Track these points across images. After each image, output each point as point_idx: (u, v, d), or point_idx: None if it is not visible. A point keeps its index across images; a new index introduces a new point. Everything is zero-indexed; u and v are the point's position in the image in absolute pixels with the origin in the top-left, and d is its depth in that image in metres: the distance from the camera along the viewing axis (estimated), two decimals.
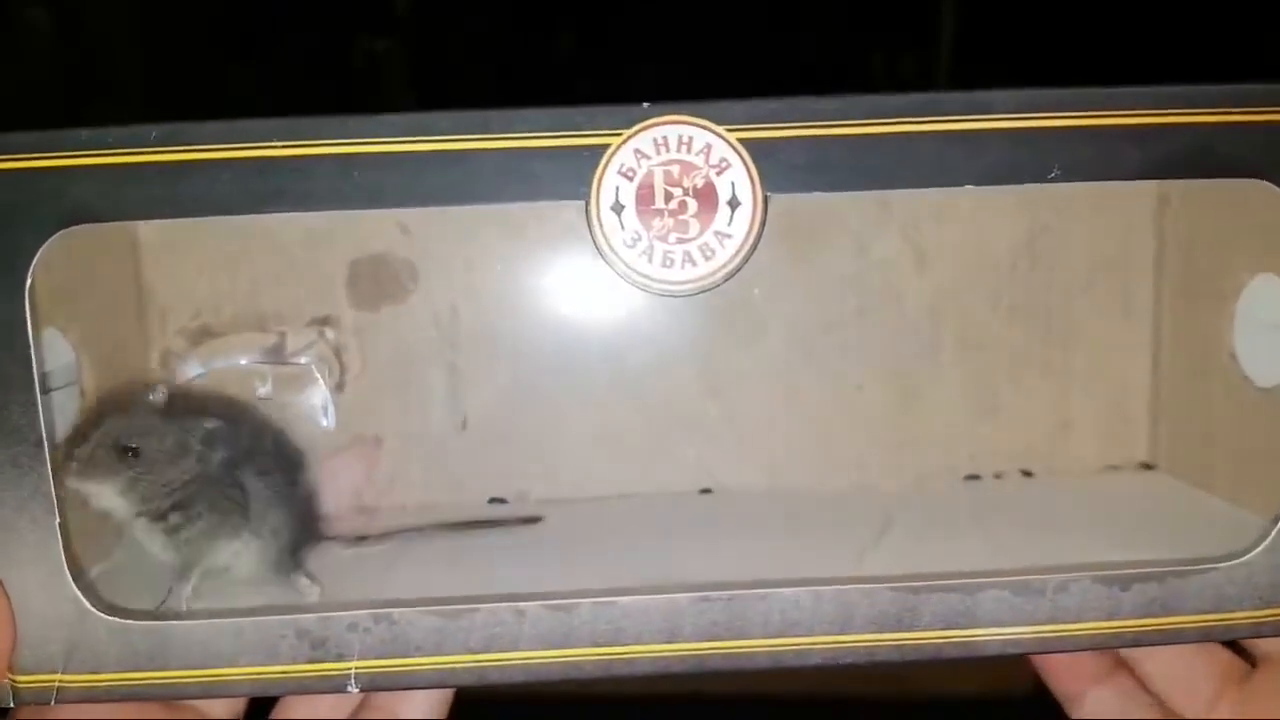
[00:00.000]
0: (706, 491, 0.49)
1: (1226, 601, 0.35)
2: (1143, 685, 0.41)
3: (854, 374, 0.48)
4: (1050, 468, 0.49)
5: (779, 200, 0.33)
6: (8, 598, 0.34)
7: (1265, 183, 0.33)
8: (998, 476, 0.49)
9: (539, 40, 1.00)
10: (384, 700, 0.39)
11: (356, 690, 0.35)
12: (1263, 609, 0.35)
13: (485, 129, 0.32)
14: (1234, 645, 0.40)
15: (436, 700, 0.39)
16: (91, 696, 0.35)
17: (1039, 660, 0.41)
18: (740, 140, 0.33)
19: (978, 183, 0.33)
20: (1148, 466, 0.49)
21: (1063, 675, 0.41)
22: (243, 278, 0.45)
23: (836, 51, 0.99)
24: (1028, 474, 0.49)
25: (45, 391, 0.34)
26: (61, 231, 0.32)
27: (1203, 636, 0.35)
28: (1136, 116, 0.33)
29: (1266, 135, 0.33)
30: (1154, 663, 0.40)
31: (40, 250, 0.32)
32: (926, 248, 0.48)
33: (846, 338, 0.48)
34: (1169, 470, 0.48)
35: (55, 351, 0.41)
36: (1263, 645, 0.40)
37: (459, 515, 0.45)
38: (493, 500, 0.49)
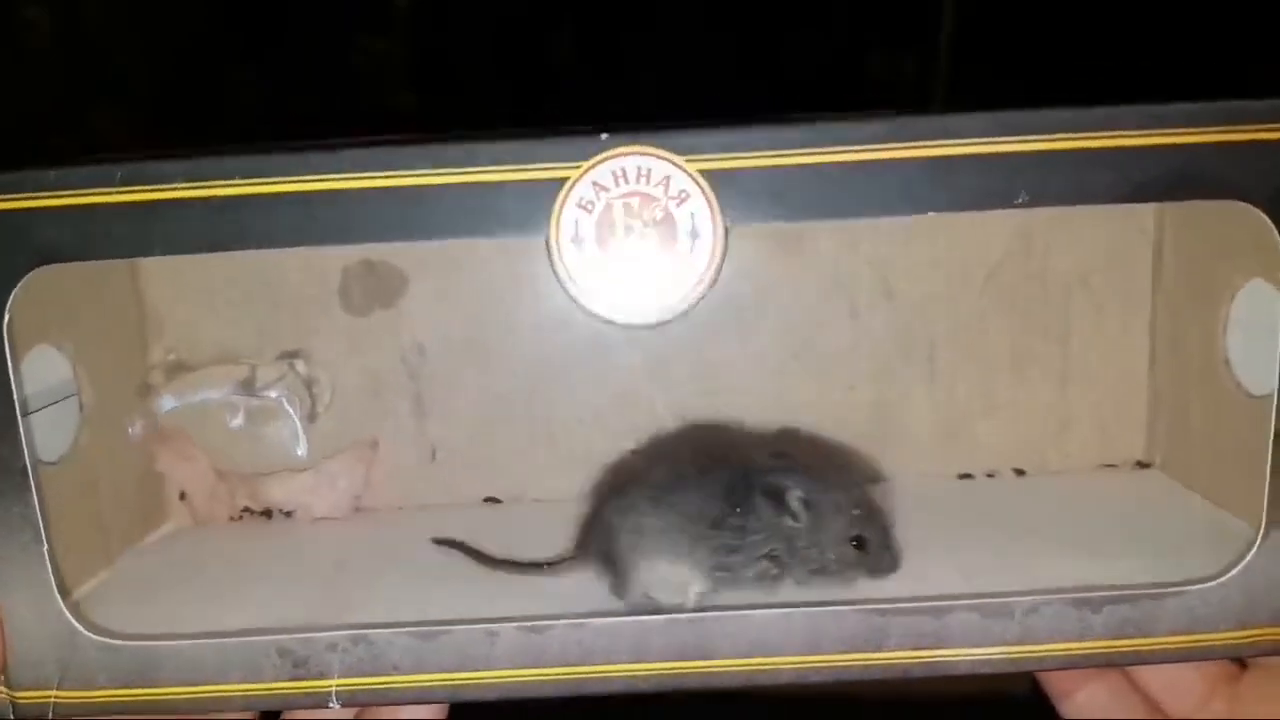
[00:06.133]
0: None
1: (1201, 623, 0.35)
2: (1134, 685, 0.41)
3: (846, 373, 0.48)
4: (1045, 466, 0.49)
5: None
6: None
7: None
8: (990, 475, 0.49)
9: (538, 40, 0.99)
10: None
11: (338, 706, 0.36)
12: (1238, 630, 0.35)
13: (445, 163, 0.32)
14: None
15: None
16: (86, 711, 0.36)
17: None
18: (700, 171, 0.32)
19: (945, 209, 0.32)
20: (1144, 465, 0.48)
21: (1054, 673, 0.41)
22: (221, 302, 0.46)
23: (836, 52, 0.98)
24: (1020, 472, 0.49)
25: (27, 414, 0.35)
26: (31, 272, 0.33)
27: (1177, 658, 0.35)
28: (1109, 139, 0.32)
29: (1246, 155, 0.32)
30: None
31: (14, 291, 0.33)
32: (920, 250, 0.47)
33: (839, 336, 0.48)
34: (1164, 469, 0.48)
35: (51, 367, 0.42)
36: None
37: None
38: (487, 499, 0.49)
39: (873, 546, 0.38)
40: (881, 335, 0.48)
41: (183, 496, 0.49)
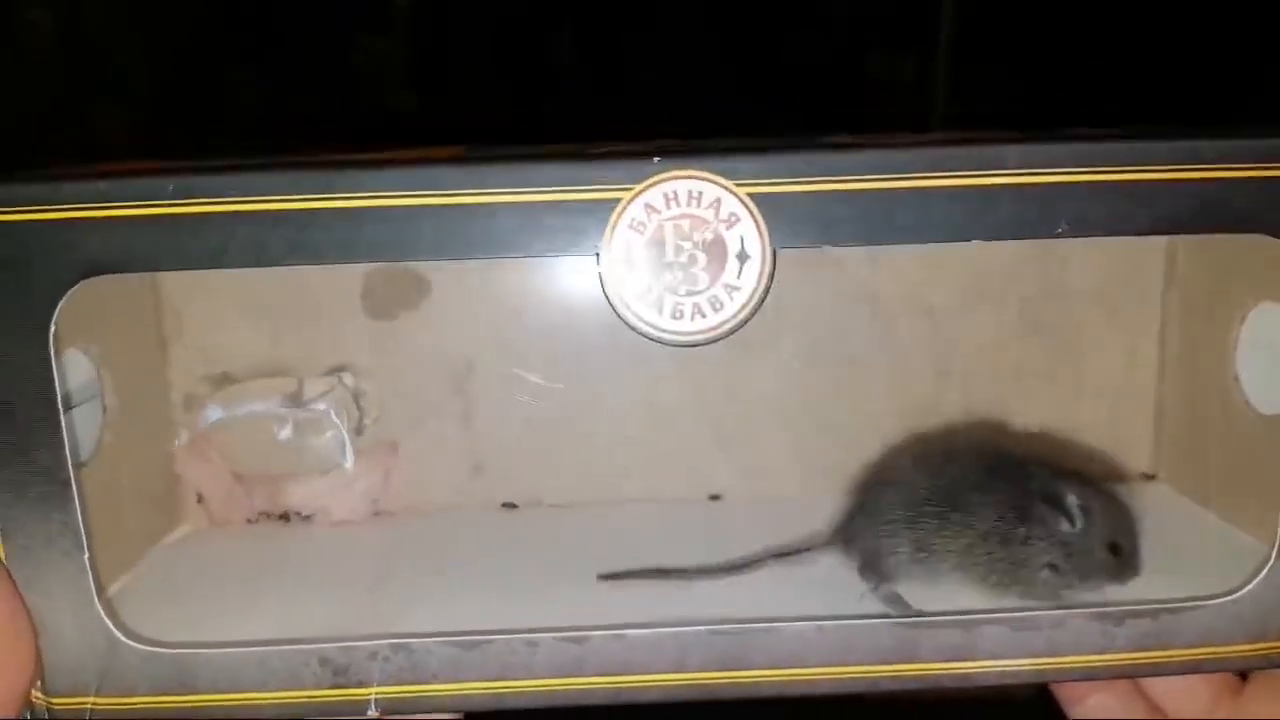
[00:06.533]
0: (715, 498, 0.50)
1: (1216, 636, 0.36)
2: (1141, 692, 0.42)
3: (863, 384, 0.49)
4: None
5: None
6: (30, 619, 0.35)
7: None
8: None
9: (538, 40, 0.99)
10: None
11: (376, 714, 0.36)
12: (1253, 644, 0.36)
13: (497, 183, 0.33)
14: None
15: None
16: (122, 719, 0.36)
17: None
18: (749, 195, 0.33)
19: (986, 238, 0.33)
20: (1149, 477, 0.50)
21: None
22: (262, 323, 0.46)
23: (836, 52, 0.98)
24: None
25: (68, 409, 0.35)
26: (83, 281, 0.33)
27: (1194, 669, 0.37)
28: (1142, 173, 0.33)
29: (1267, 190, 0.33)
30: None
31: (62, 300, 0.33)
32: (937, 262, 0.48)
33: (857, 348, 0.49)
34: (1169, 481, 0.49)
35: (75, 369, 0.42)
36: None
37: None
38: (505, 505, 0.50)
39: (1124, 553, 0.39)
40: (898, 347, 0.49)
41: (200, 499, 0.49)
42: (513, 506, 0.50)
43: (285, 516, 0.49)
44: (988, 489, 0.39)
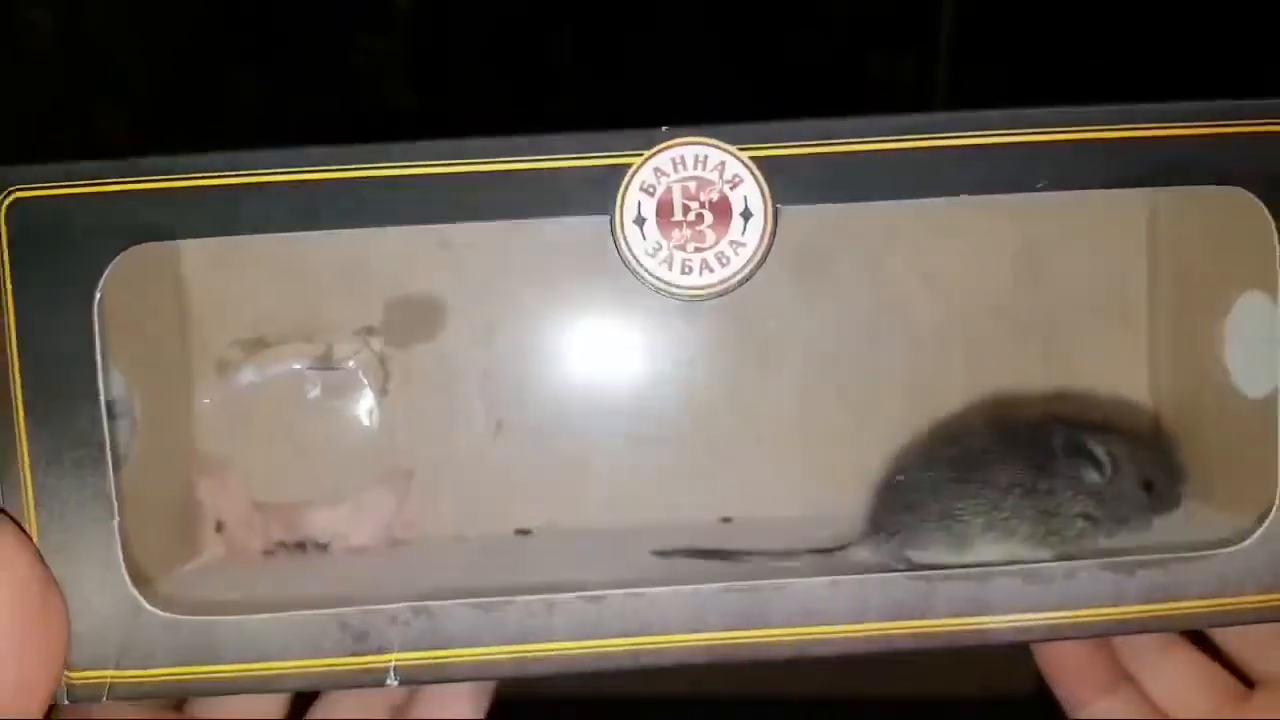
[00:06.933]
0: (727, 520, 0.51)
1: (1229, 587, 0.36)
2: (1146, 698, 0.42)
3: (868, 396, 0.50)
4: None
5: (789, 228, 0.36)
6: (64, 601, 0.36)
7: (1249, 198, 0.36)
8: None
9: (538, 40, 1.01)
10: (422, 706, 0.40)
11: (396, 683, 0.36)
12: (1265, 594, 0.37)
13: (518, 152, 0.36)
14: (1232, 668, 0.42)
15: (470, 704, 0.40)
16: (142, 692, 0.36)
17: (1046, 667, 0.43)
18: (751, 158, 0.36)
19: (972, 192, 0.36)
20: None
21: (1071, 682, 0.42)
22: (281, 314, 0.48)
23: (836, 52, 1.00)
24: None
25: (112, 417, 0.36)
26: (129, 249, 0.35)
27: (1207, 622, 0.37)
28: (1118, 131, 0.36)
29: (1242, 147, 0.36)
30: (1157, 681, 0.42)
31: (109, 267, 0.35)
32: (922, 273, 0.50)
33: (861, 360, 0.50)
34: None
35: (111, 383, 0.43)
36: (1260, 667, 0.41)
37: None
38: (518, 531, 0.50)
39: (1160, 488, 0.40)
40: (902, 356, 0.50)
41: (219, 527, 0.50)
42: (526, 533, 0.51)
43: (302, 545, 0.50)
44: (1007, 451, 0.40)
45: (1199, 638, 0.42)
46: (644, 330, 0.49)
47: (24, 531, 0.36)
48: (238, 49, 0.98)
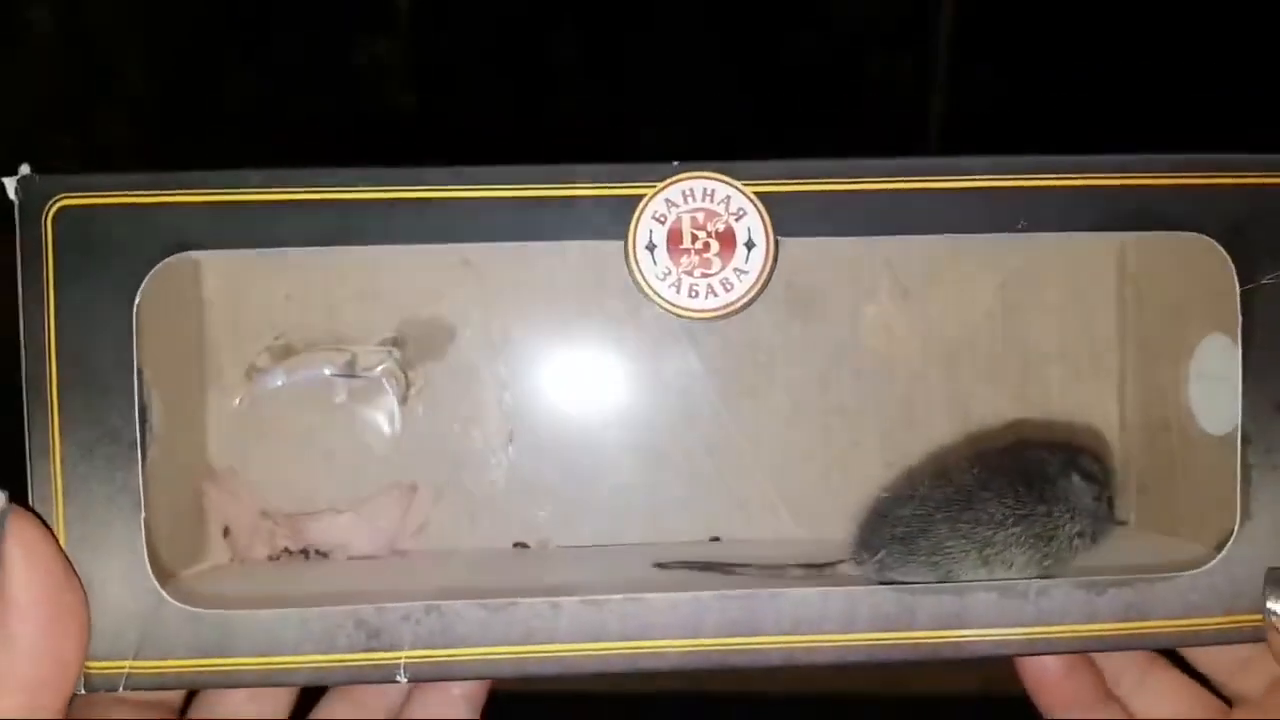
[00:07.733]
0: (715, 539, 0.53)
1: (1194, 609, 0.39)
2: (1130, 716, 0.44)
3: (849, 432, 0.53)
4: None
5: (784, 266, 0.39)
6: (85, 595, 0.37)
7: (1211, 244, 0.39)
8: None
9: (538, 40, 1.02)
10: (418, 707, 0.42)
11: (405, 680, 0.38)
12: (1229, 616, 0.39)
13: (541, 179, 0.38)
14: (1212, 687, 0.44)
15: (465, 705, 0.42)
16: (159, 684, 0.38)
17: (1031, 686, 0.44)
18: (755, 193, 0.38)
19: (959, 231, 0.38)
20: (1120, 523, 0.53)
21: (1055, 701, 0.44)
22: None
23: (836, 52, 1.01)
24: None
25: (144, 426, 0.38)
26: (169, 259, 0.37)
27: (1177, 641, 0.39)
28: (1092, 179, 0.39)
29: (1206, 197, 0.39)
30: (1141, 700, 0.44)
31: (150, 273, 0.37)
32: (912, 315, 0.52)
33: (843, 397, 0.52)
34: (1139, 526, 0.52)
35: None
36: (1236, 685, 0.43)
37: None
38: (516, 544, 0.52)
39: (1114, 504, 0.43)
40: (882, 395, 0.53)
41: (226, 533, 0.51)
42: (524, 546, 0.52)
43: (305, 553, 0.51)
44: (996, 482, 0.42)
45: (1178, 659, 0.44)
46: (653, 352, 0.50)
47: (47, 526, 0.37)
48: (238, 49, 0.99)
